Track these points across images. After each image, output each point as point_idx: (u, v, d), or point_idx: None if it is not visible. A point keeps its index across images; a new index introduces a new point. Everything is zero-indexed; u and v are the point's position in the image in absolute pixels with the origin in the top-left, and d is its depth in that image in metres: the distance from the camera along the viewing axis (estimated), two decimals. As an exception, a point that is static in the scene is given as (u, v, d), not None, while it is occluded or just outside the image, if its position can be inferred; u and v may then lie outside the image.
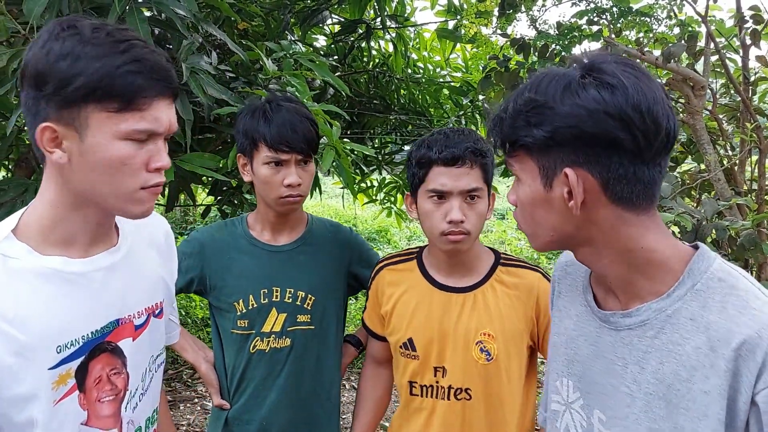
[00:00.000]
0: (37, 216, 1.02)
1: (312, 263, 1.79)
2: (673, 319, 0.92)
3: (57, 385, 1.00)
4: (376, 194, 4.61)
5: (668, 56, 2.68)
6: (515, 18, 3.26)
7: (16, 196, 2.40)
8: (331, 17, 3.83)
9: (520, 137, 0.93)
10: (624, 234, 0.93)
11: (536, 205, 0.97)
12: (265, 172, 1.66)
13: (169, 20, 2.05)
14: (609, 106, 0.86)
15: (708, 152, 2.88)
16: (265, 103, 1.70)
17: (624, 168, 0.89)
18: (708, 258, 0.94)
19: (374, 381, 1.84)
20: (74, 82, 0.92)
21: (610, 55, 0.95)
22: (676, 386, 0.91)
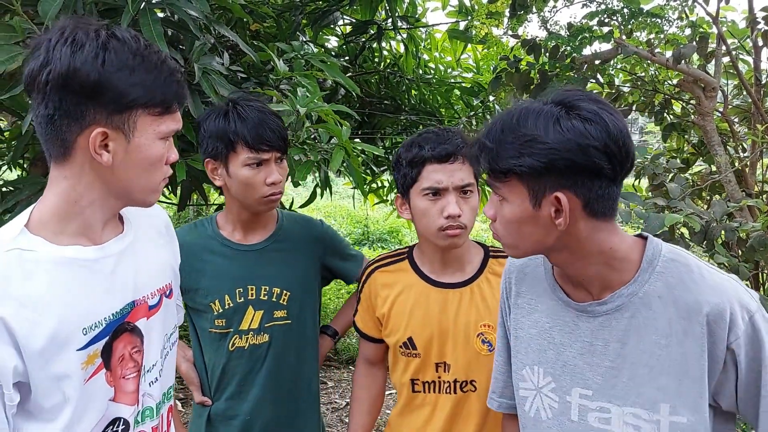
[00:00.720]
0: (52, 211, 1.07)
1: (285, 259, 1.80)
2: (645, 299, 1.11)
3: (86, 365, 1.07)
4: (386, 194, 4.62)
5: (679, 57, 2.68)
6: (526, 19, 3.27)
7: (32, 195, 2.43)
8: (342, 18, 3.84)
9: (514, 166, 1.06)
10: (595, 240, 1.11)
11: (523, 222, 1.11)
12: (246, 173, 1.65)
13: (181, 21, 2.07)
14: (596, 140, 1.02)
15: (719, 154, 2.88)
16: (234, 104, 1.68)
17: (602, 189, 1.06)
18: (657, 245, 1.14)
19: (368, 382, 1.86)
20: (132, 92, 1.03)
21: (575, 90, 1.10)
22: (657, 353, 1.09)
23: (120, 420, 1.15)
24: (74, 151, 1.04)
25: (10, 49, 1.70)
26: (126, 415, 1.16)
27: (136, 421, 1.19)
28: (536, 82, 3.09)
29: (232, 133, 1.63)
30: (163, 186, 1.16)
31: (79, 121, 1.02)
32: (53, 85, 1.00)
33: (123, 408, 1.15)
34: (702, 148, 3.40)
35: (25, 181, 2.57)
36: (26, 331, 0.99)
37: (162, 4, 1.99)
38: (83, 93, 1.00)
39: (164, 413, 1.29)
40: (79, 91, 1.00)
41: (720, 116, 3.16)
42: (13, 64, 1.72)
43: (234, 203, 1.75)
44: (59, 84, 1.00)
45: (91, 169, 1.06)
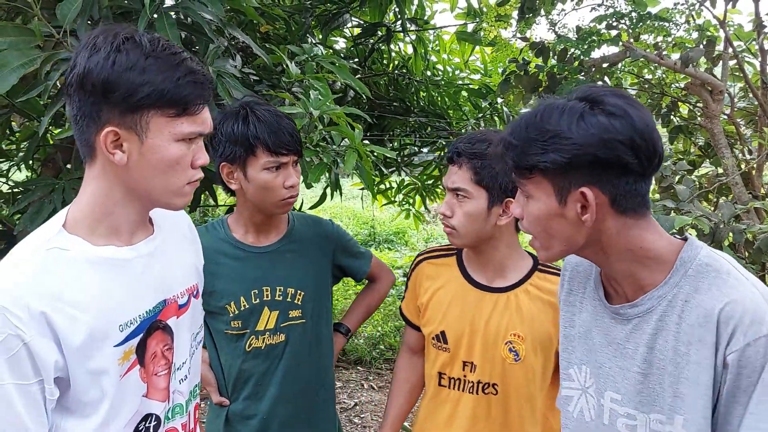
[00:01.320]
0: (85, 211, 1.11)
1: (298, 260, 1.82)
2: (673, 303, 1.07)
3: (122, 361, 1.10)
4: (394, 196, 4.64)
5: (686, 61, 2.70)
6: (534, 21, 3.29)
7: (44, 196, 2.46)
8: (352, 20, 3.87)
9: (539, 162, 1.05)
10: (626, 237, 1.09)
11: (551, 219, 1.10)
12: (266, 177, 1.65)
13: (196, 24, 2.10)
14: (620, 134, 1.01)
15: (726, 156, 2.89)
16: (250, 108, 1.68)
17: (629, 185, 1.04)
18: (696, 247, 1.10)
19: (408, 369, 1.90)
20: (141, 91, 1.03)
21: (600, 87, 1.09)
22: (677, 360, 1.06)
23: (152, 416, 1.18)
24: (96, 152, 1.08)
25: (29, 52, 1.73)
26: (158, 411, 1.19)
27: (167, 417, 1.22)
28: (545, 84, 3.11)
29: (253, 137, 1.62)
30: (192, 189, 1.16)
31: (96, 121, 1.05)
32: (74, 87, 1.05)
33: (155, 404, 1.18)
34: (709, 150, 3.41)
35: (37, 182, 2.59)
36: (67, 327, 1.02)
37: (177, 8, 2.01)
38: (95, 93, 1.03)
39: (191, 411, 1.32)
40: (92, 91, 1.04)
41: (727, 119, 3.17)
42: (32, 67, 1.75)
43: (247, 206, 1.76)
44: (77, 85, 1.04)
45: (111, 169, 1.09)
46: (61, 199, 2.39)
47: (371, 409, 4.34)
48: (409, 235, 9.82)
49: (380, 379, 4.83)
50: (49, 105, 1.95)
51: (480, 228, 1.62)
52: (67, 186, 2.45)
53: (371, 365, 5.03)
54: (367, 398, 4.50)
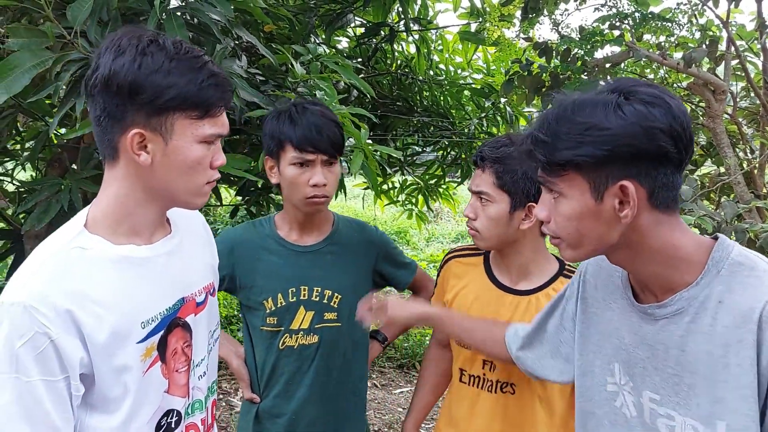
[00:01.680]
0: (106, 211, 1.13)
1: (338, 262, 1.84)
2: (706, 304, 1.03)
3: (144, 357, 1.13)
4: (397, 196, 4.65)
5: (689, 61, 2.71)
6: (538, 22, 3.31)
7: (51, 195, 2.47)
8: (355, 20, 3.88)
9: (574, 157, 1.01)
10: (659, 235, 1.04)
11: (584, 218, 1.05)
12: (292, 173, 1.70)
13: (203, 25, 2.11)
14: (661, 122, 0.97)
15: (728, 155, 2.90)
16: (291, 106, 1.75)
17: (667, 177, 1.01)
18: (727, 246, 1.05)
19: (436, 362, 1.94)
20: (167, 93, 1.06)
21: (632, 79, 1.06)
22: (713, 363, 1.01)
23: (173, 411, 1.20)
24: (119, 153, 1.10)
25: (40, 53, 1.75)
26: (179, 407, 1.21)
27: (187, 413, 1.25)
28: (548, 85, 3.12)
29: (281, 133, 1.70)
30: (210, 189, 1.19)
31: (121, 123, 1.07)
32: (99, 88, 1.06)
33: (176, 400, 1.20)
34: (711, 150, 3.43)
35: (43, 182, 2.60)
36: (92, 324, 1.04)
37: (185, 9, 2.03)
38: (121, 95, 1.05)
39: (209, 407, 1.34)
40: (117, 93, 1.05)
41: (729, 118, 3.19)
42: (43, 68, 1.77)
43: (288, 204, 1.82)
44: (102, 87, 1.06)
45: (134, 170, 1.11)
46: (68, 199, 2.41)
47: (374, 407, 4.36)
48: (410, 234, 9.83)
49: (383, 377, 4.85)
50: (59, 106, 1.96)
51: (503, 231, 1.64)
52: (74, 186, 2.46)
53: (374, 363, 5.05)
54: (370, 396, 4.52)
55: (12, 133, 3.21)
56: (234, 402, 4.33)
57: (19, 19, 2.21)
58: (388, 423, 4.16)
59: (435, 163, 4.49)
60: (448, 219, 11.33)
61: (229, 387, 4.48)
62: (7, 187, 3.43)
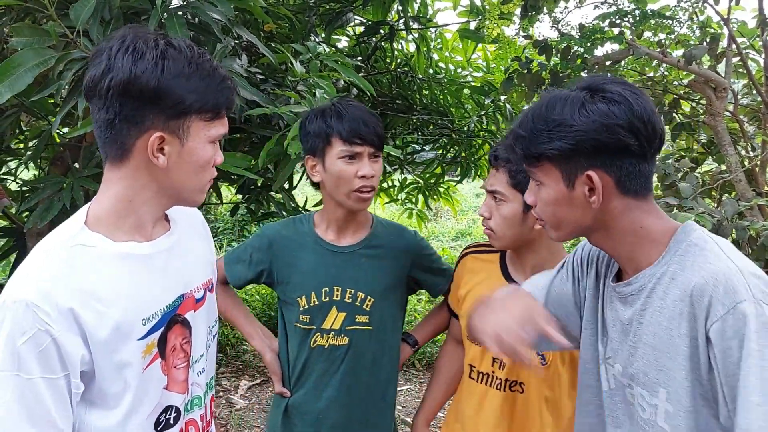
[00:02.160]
0: (109, 209, 1.13)
1: (373, 266, 1.83)
2: (661, 280, 1.14)
3: (145, 354, 1.13)
4: (397, 194, 4.65)
5: (690, 58, 2.72)
6: (537, 19, 3.31)
7: (53, 194, 2.49)
8: (355, 19, 3.89)
9: (546, 150, 1.14)
10: (629, 218, 1.16)
11: (560, 204, 1.18)
12: (340, 166, 1.70)
13: (204, 24, 2.12)
14: (620, 119, 1.08)
15: (729, 153, 2.91)
16: (334, 103, 1.77)
17: (632, 166, 1.12)
18: (690, 230, 1.15)
19: (451, 358, 1.94)
20: (188, 98, 1.09)
21: (604, 76, 1.17)
22: (660, 334, 1.12)
23: (172, 408, 1.21)
24: (132, 154, 1.10)
25: (43, 52, 1.76)
26: (177, 403, 1.22)
27: (186, 409, 1.25)
28: (547, 82, 3.13)
29: (328, 126, 1.70)
30: (209, 186, 1.22)
31: (139, 126, 1.08)
32: (115, 92, 1.05)
33: (175, 396, 1.21)
34: (712, 148, 3.43)
35: (46, 181, 2.62)
36: (93, 322, 1.05)
37: (187, 8, 2.04)
38: (143, 99, 1.06)
39: (208, 403, 1.35)
40: (138, 97, 1.06)
41: (730, 116, 3.19)
42: (46, 67, 1.78)
43: (330, 201, 1.81)
44: (120, 90, 1.05)
45: (146, 170, 1.12)
46: (70, 197, 2.42)
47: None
48: (411, 232, 9.83)
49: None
50: (61, 105, 1.97)
51: (517, 231, 1.64)
52: (75, 184, 2.48)
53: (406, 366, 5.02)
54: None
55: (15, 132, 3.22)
56: (234, 399, 4.34)
57: (24, 18, 2.23)
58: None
59: (434, 161, 4.50)
60: (449, 217, 11.33)
61: (229, 384, 4.49)
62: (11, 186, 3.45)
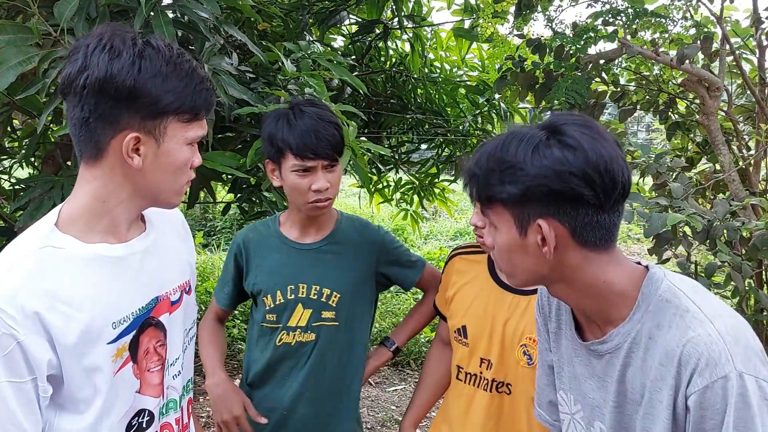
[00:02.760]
0: (81, 210, 1.11)
1: (338, 261, 1.83)
2: (637, 339, 1.07)
3: (115, 357, 1.12)
4: (392, 194, 4.64)
5: (683, 57, 2.70)
6: (531, 18, 3.29)
7: (44, 193, 2.47)
8: (349, 17, 3.88)
9: (496, 193, 1.06)
10: (589, 272, 1.07)
11: (513, 250, 1.10)
12: (294, 179, 1.70)
13: (192, 22, 2.11)
14: (572, 167, 1.00)
15: (723, 152, 2.90)
16: (288, 110, 1.73)
17: (588, 217, 1.03)
18: (656, 280, 1.09)
19: (438, 360, 1.93)
20: (165, 99, 1.08)
21: (569, 115, 1.09)
22: (646, 395, 1.06)
23: (145, 411, 1.19)
24: (107, 153, 1.08)
25: (27, 50, 1.75)
26: (151, 406, 1.20)
27: (161, 412, 1.24)
28: (541, 81, 3.11)
29: (280, 140, 1.68)
30: (186, 188, 1.20)
31: (113, 125, 1.06)
32: (90, 90, 1.04)
33: (148, 400, 1.19)
34: (706, 147, 3.42)
35: (37, 180, 2.61)
36: (60, 325, 1.03)
37: (173, 6, 2.03)
38: (119, 98, 1.04)
39: (184, 406, 1.34)
40: (114, 96, 1.04)
41: (724, 115, 3.18)
42: (30, 65, 1.76)
43: (292, 204, 1.82)
44: (96, 88, 1.04)
45: (121, 170, 1.10)
46: (61, 196, 2.41)
47: (368, 404, 4.36)
48: (407, 232, 9.82)
49: (377, 375, 4.84)
50: (47, 102, 1.96)
51: None
52: (66, 183, 2.47)
53: None
54: (364, 394, 4.51)
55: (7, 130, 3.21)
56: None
57: (14, 17, 2.21)
58: (382, 421, 4.16)
59: (429, 160, 4.49)
60: (447, 217, 11.33)
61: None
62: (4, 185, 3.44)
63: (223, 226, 9.08)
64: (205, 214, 9.28)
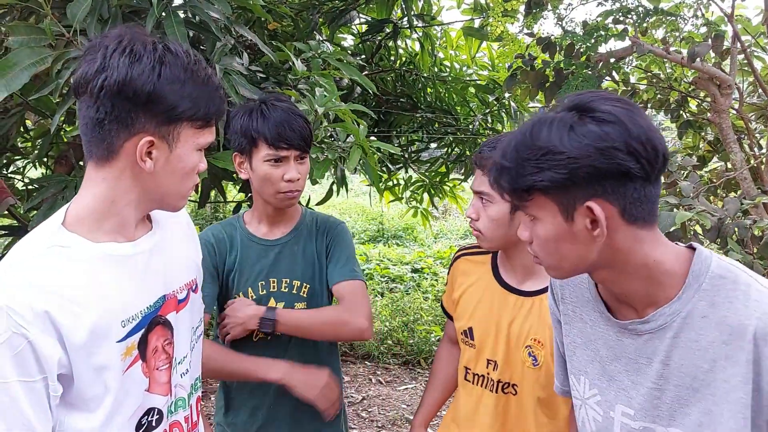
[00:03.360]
0: (89, 210, 1.11)
1: (303, 253, 1.87)
2: (688, 319, 1.03)
3: (125, 356, 1.12)
4: (402, 192, 4.66)
5: (693, 56, 2.69)
6: (541, 17, 3.29)
7: (57, 192, 2.50)
8: (359, 17, 3.89)
9: (535, 182, 1.00)
10: (639, 251, 1.03)
11: (559, 240, 1.04)
12: (266, 169, 1.72)
13: (203, 23, 2.12)
14: (615, 141, 0.95)
15: (734, 151, 2.88)
16: (261, 103, 1.76)
17: (637, 192, 0.98)
18: (705, 258, 1.05)
19: (447, 360, 1.95)
20: (182, 104, 1.08)
21: (592, 92, 1.03)
22: (700, 377, 1.02)
23: (154, 410, 1.19)
24: (118, 156, 1.09)
25: (40, 51, 1.76)
26: (160, 405, 1.21)
27: (170, 411, 1.24)
28: (551, 80, 3.11)
29: (254, 130, 1.71)
30: (191, 193, 1.22)
31: (129, 128, 1.07)
32: (108, 91, 1.04)
33: (157, 398, 1.20)
34: (718, 146, 3.40)
35: (50, 179, 2.63)
36: (70, 324, 1.03)
37: (185, 7, 2.04)
38: (137, 102, 1.05)
39: (193, 404, 1.34)
40: (132, 99, 1.05)
41: (735, 113, 3.16)
42: (43, 66, 1.78)
43: (258, 199, 1.84)
44: (114, 91, 1.04)
45: (131, 173, 1.10)
46: (74, 195, 2.43)
47: (378, 403, 4.37)
48: (417, 231, 9.84)
49: (388, 373, 4.86)
50: (60, 103, 1.98)
51: (505, 232, 1.62)
52: (79, 182, 2.48)
53: (379, 360, 5.06)
54: (374, 392, 4.53)
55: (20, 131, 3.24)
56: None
57: (27, 18, 2.24)
58: (392, 419, 4.17)
59: (440, 159, 4.49)
60: (457, 215, 11.32)
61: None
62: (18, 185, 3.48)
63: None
64: (215, 213, 9.33)
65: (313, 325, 1.79)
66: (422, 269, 7.46)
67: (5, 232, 3.18)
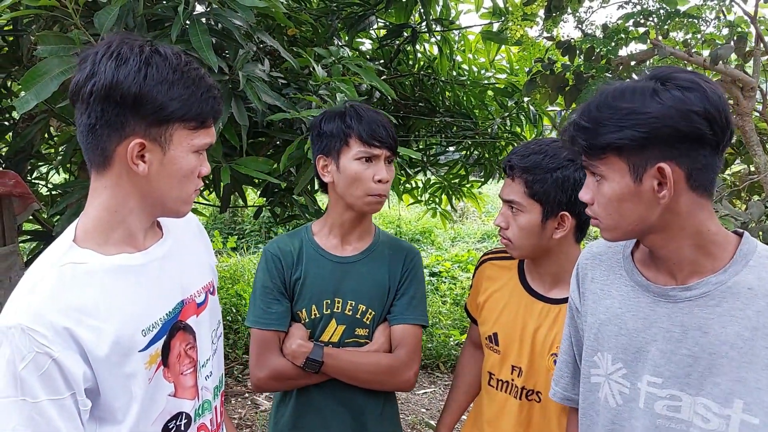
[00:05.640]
0: (95, 222, 1.12)
1: (374, 277, 1.79)
2: (734, 289, 1.10)
3: (149, 364, 1.13)
4: (421, 195, 4.67)
5: (716, 58, 2.67)
6: (561, 20, 3.28)
7: (81, 198, 2.53)
8: (377, 22, 3.90)
9: (615, 140, 1.07)
10: (698, 218, 1.10)
11: (624, 199, 1.11)
12: (357, 167, 1.68)
13: (226, 30, 2.15)
14: (695, 106, 1.03)
15: (758, 153, 2.85)
16: (351, 106, 1.74)
17: (705, 159, 1.06)
18: (753, 241, 1.14)
19: (471, 363, 1.94)
20: (170, 106, 1.08)
21: (666, 67, 1.12)
22: (739, 345, 1.08)
23: (182, 414, 1.21)
24: (113, 161, 1.09)
25: (68, 60, 1.79)
26: (188, 409, 1.22)
27: (197, 414, 1.25)
28: (571, 83, 3.10)
29: (347, 127, 1.69)
30: (195, 197, 1.21)
31: (119, 132, 1.07)
32: (97, 96, 1.05)
33: (185, 402, 1.21)
34: (740, 148, 3.37)
35: (74, 185, 2.66)
36: (91, 339, 1.04)
37: (208, 14, 2.06)
38: (124, 104, 1.05)
39: (217, 405, 1.36)
40: (120, 102, 1.05)
41: (759, 116, 3.13)
42: (71, 74, 1.81)
43: (338, 204, 1.76)
44: (102, 95, 1.05)
45: (128, 179, 1.11)
46: (97, 201, 2.46)
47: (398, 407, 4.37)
48: (435, 234, 9.82)
49: (408, 377, 4.85)
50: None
51: (536, 241, 1.61)
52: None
53: None
54: (394, 397, 4.52)
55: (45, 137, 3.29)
56: (259, 401, 4.38)
57: (51, 27, 2.27)
58: (412, 424, 4.17)
59: (458, 162, 4.50)
60: (474, 219, 11.29)
61: (255, 386, 4.52)
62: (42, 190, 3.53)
63: (252, 230, 9.18)
64: (233, 217, 9.39)
65: (359, 373, 1.73)
66: (440, 273, 7.45)
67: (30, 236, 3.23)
